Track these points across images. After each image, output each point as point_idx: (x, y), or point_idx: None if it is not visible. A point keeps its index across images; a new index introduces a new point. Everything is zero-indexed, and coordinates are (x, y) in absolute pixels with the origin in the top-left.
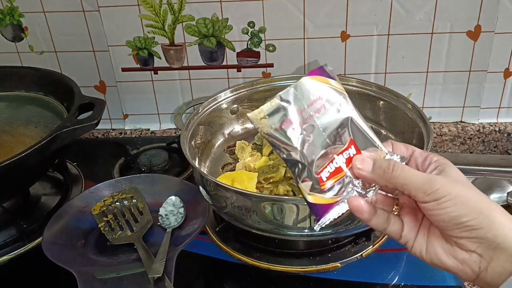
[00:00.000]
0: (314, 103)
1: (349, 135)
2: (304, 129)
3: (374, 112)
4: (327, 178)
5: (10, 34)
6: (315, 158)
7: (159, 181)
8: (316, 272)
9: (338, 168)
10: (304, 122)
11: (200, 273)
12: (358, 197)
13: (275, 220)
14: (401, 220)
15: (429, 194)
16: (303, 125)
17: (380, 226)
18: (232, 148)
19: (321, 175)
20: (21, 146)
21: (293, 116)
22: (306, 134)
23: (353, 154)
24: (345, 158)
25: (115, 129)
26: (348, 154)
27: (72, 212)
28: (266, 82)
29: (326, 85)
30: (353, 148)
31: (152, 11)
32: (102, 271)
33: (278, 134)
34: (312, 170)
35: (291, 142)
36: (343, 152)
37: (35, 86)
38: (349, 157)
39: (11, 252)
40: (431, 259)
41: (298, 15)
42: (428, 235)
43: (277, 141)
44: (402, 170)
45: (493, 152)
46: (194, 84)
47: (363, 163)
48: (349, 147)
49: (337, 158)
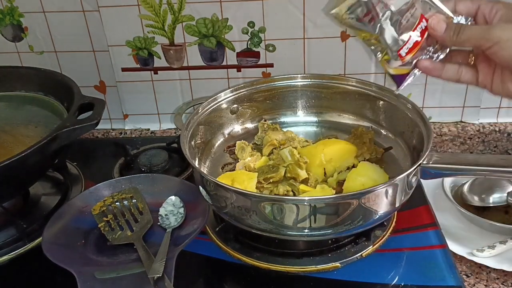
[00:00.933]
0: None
1: (419, 11)
2: (382, 15)
3: (374, 112)
4: (406, 53)
5: (10, 34)
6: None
7: (159, 181)
8: (316, 272)
9: (415, 43)
10: (381, 11)
11: (200, 273)
12: (424, 60)
13: (275, 220)
14: (475, 68)
15: (488, 39)
16: (380, 14)
17: (452, 78)
18: (232, 148)
19: (400, 53)
20: (21, 146)
21: (371, 8)
22: (383, 19)
23: (425, 26)
24: (419, 32)
25: (115, 129)
26: (421, 28)
27: (72, 212)
28: (266, 82)
29: None
30: (424, 21)
31: (152, 11)
32: (102, 271)
33: (360, 25)
34: (393, 49)
35: (372, 30)
36: (417, 27)
37: (35, 86)
38: (423, 30)
39: (11, 252)
40: (507, 94)
41: (298, 15)
42: (502, 77)
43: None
44: (465, 31)
45: (493, 152)
46: (194, 84)
47: (438, 25)
48: (420, 21)
49: (413, 34)
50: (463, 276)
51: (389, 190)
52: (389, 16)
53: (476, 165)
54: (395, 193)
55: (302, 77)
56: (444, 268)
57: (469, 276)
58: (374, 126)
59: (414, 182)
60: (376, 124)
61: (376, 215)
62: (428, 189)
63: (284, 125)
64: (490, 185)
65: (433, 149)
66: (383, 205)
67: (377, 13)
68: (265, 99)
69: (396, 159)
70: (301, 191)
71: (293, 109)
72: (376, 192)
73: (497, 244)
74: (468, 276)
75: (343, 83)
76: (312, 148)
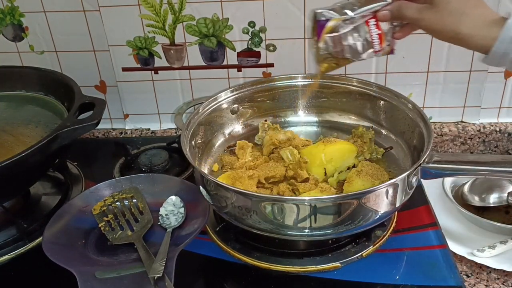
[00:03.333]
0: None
1: (362, 21)
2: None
3: (374, 112)
4: (380, 44)
5: (11, 33)
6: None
7: (160, 181)
8: (316, 272)
9: (379, 34)
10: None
11: (200, 273)
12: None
13: (275, 220)
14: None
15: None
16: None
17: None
18: (233, 147)
19: (375, 48)
20: (22, 146)
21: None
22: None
23: (375, 21)
24: (375, 27)
25: (116, 128)
26: (374, 24)
27: (72, 212)
28: (267, 82)
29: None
30: (372, 20)
31: (153, 11)
32: (102, 271)
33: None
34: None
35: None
36: (371, 28)
37: (35, 85)
38: (376, 24)
39: (11, 252)
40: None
41: (299, 15)
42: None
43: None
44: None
45: (493, 152)
46: (194, 84)
47: (383, 15)
48: (368, 23)
49: (373, 33)
50: (464, 276)
51: (389, 190)
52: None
53: (476, 165)
54: (396, 193)
55: (302, 77)
56: (444, 268)
57: (470, 276)
58: (374, 126)
59: (415, 182)
60: (376, 124)
61: (377, 215)
62: (429, 189)
63: (285, 125)
64: (490, 185)
65: (433, 149)
66: (384, 205)
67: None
68: (265, 99)
69: (396, 159)
70: (301, 191)
71: (293, 109)
72: (377, 192)
73: (497, 244)
74: (468, 276)
75: (344, 83)
76: (313, 148)
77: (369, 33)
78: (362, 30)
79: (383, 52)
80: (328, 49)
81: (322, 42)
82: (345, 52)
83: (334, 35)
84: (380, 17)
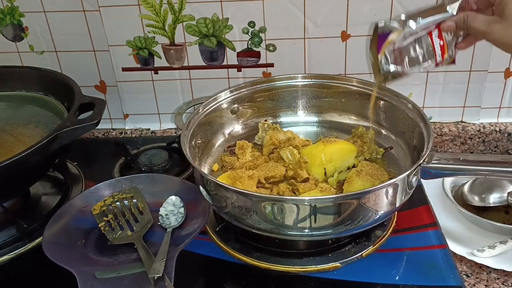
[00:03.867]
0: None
1: (424, 32)
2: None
3: (374, 112)
4: (442, 56)
5: (11, 33)
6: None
7: (160, 181)
8: (316, 272)
9: (441, 46)
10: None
11: (200, 273)
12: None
13: (275, 220)
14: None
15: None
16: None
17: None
18: (233, 147)
19: (437, 60)
20: (21, 146)
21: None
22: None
23: (438, 32)
24: (437, 38)
25: (116, 128)
26: (436, 35)
27: (72, 212)
28: (267, 82)
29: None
30: (435, 31)
31: (153, 11)
32: (102, 271)
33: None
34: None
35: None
36: (433, 40)
37: (35, 86)
38: (439, 35)
39: (11, 252)
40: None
41: (299, 15)
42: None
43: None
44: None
45: (493, 152)
46: (194, 84)
47: (447, 25)
48: (431, 35)
49: (436, 44)
50: (464, 276)
51: (389, 190)
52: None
53: (476, 165)
54: (396, 193)
55: (302, 77)
56: (444, 268)
57: (470, 276)
58: (374, 126)
59: (415, 182)
60: (376, 124)
61: (377, 215)
62: (429, 189)
63: (285, 125)
64: (490, 185)
65: (433, 149)
66: (384, 205)
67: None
68: (265, 99)
69: (396, 159)
70: (301, 191)
71: (293, 109)
72: (376, 192)
73: (497, 244)
74: (468, 276)
75: (344, 83)
76: (313, 148)
77: (432, 45)
78: (424, 41)
79: (445, 63)
80: (388, 62)
81: (382, 55)
82: (405, 64)
83: (395, 48)
84: (445, 28)
